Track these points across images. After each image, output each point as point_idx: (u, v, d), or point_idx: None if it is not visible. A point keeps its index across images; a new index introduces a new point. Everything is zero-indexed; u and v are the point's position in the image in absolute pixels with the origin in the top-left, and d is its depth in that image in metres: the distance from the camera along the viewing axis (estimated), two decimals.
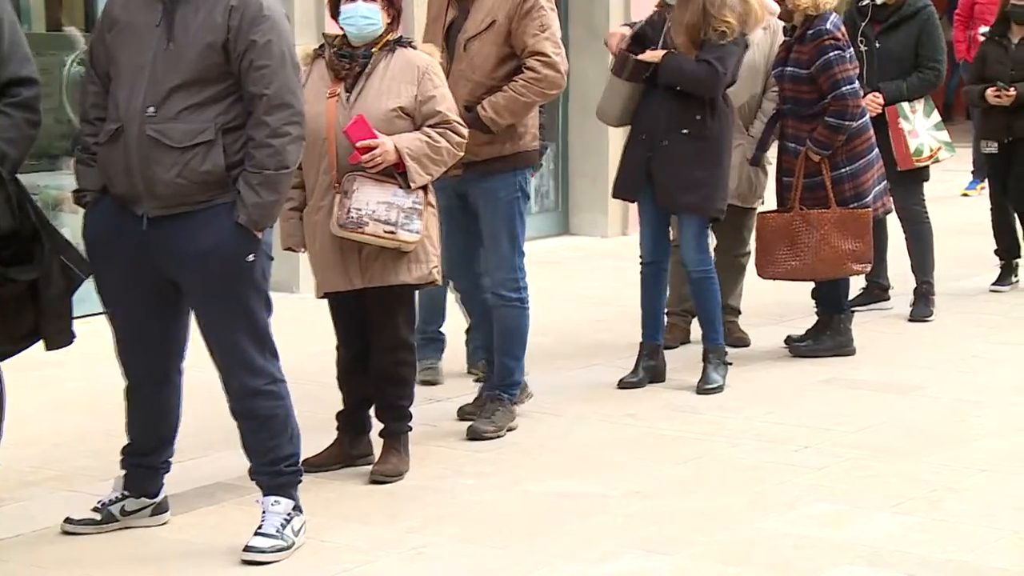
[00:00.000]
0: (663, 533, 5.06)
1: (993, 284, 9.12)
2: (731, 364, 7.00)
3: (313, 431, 5.46)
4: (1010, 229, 9.09)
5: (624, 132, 7.13)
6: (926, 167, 8.33)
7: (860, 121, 7.34)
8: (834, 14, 7.31)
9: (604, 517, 5.23)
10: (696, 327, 7.25)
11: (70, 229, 7.20)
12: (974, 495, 5.45)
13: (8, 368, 4.75)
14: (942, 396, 6.81)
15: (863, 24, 8.18)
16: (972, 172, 12.82)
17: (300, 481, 4.95)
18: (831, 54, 7.17)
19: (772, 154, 7.65)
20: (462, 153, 5.62)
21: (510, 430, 6.20)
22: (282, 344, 4.90)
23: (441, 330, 7.03)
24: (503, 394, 6.26)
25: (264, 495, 4.89)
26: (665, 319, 7.32)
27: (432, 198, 5.61)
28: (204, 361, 4.87)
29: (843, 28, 7.34)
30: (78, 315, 4.73)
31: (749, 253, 7.77)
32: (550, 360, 7.34)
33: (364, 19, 5.51)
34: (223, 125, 4.63)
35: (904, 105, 8.13)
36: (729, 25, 6.62)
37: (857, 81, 7.31)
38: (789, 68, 7.31)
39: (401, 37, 5.63)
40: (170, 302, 4.82)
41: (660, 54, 6.71)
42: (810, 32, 7.22)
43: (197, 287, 4.73)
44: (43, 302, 4.58)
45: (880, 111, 8.00)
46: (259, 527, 4.82)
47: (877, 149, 7.51)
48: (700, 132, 6.72)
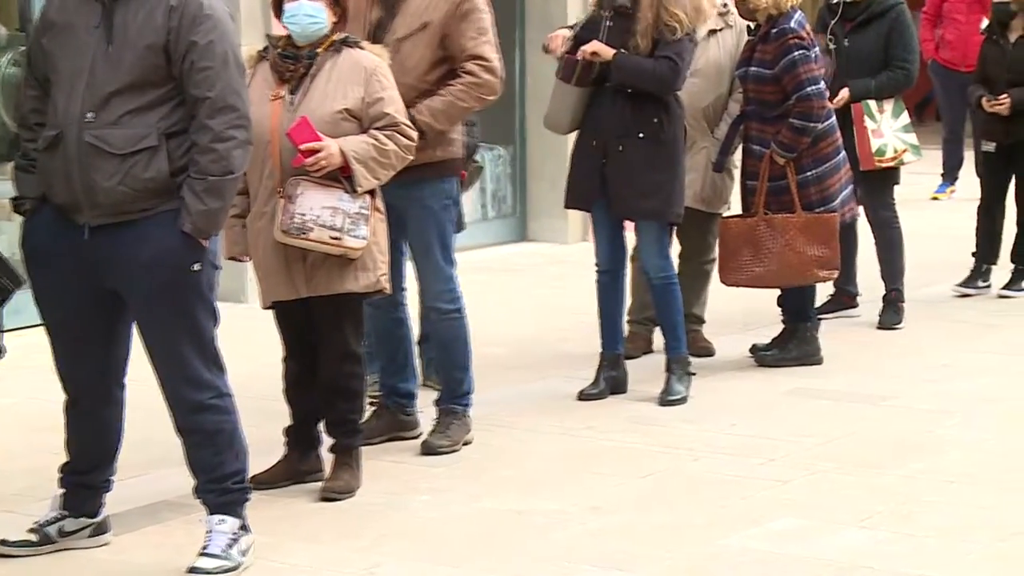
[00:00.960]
0: (624, 550, 5.08)
1: (960, 284, 9.17)
2: (695, 374, 7.04)
3: (261, 447, 5.46)
4: (994, 234, 9.15)
5: None
6: (896, 169, 8.40)
7: (826, 123, 7.37)
8: (799, 12, 7.34)
9: (563, 534, 5.25)
10: (659, 336, 7.29)
11: (7, 238, 7.18)
12: (945, 508, 5.50)
13: None
14: (912, 406, 6.86)
15: (833, 22, 8.23)
16: (942, 175, 12.91)
17: (248, 499, 4.94)
18: (796, 54, 7.21)
19: (738, 157, 7.69)
20: (411, 157, 5.63)
21: (465, 444, 6.21)
22: (229, 356, 4.89)
23: None
24: (456, 407, 6.27)
25: (210, 514, 4.88)
26: (626, 328, 7.36)
27: (380, 203, 5.61)
28: (147, 375, 4.85)
29: (808, 27, 7.39)
30: (12, 327, 4.71)
31: (714, 260, 7.80)
32: (507, 372, 7.36)
33: (308, 18, 5.52)
34: (166, 130, 4.63)
35: (871, 104, 8.18)
36: (680, 21, 6.66)
37: (823, 82, 7.36)
38: (753, 68, 7.34)
39: (348, 37, 5.63)
40: (112, 313, 4.81)
41: (610, 50, 6.72)
42: (774, 31, 7.26)
43: (140, 298, 4.73)
44: None
45: (843, 104, 8.03)
46: (204, 547, 4.82)
47: (844, 152, 7.57)
48: (657, 135, 6.75)
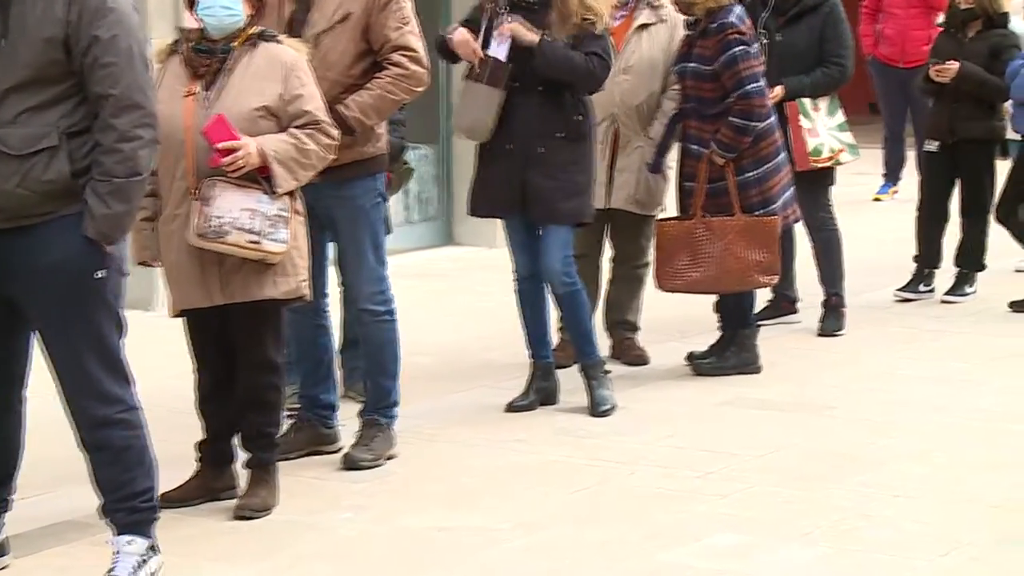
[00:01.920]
0: (556, 569, 5.07)
1: (901, 289, 9.24)
2: (609, 372, 7.00)
3: (172, 463, 5.42)
4: (936, 236, 9.20)
5: None
6: (831, 170, 8.43)
7: (767, 122, 7.40)
8: (739, 6, 7.35)
9: (492, 552, 5.22)
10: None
11: None
12: (888, 522, 5.51)
13: None
14: (854, 416, 6.89)
15: (765, 15, 8.25)
16: (884, 175, 12.99)
17: (157, 518, 4.90)
18: (736, 49, 7.22)
19: (673, 158, 7.69)
20: (332, 156, 5.60)
21: (389, 458, 6.18)
22: (137, 367, 4.85)
23: None
24: (381, 418, 6.24)
25: (117, 534, 4.83)
26: (557, 336, 7.35)
27: (300, 205, 5.59)
28: (50, 388, 4.80)
29: (748, 21, 7.40)
30: None
31: (647, 264, 7.81)
32: (433, 382, 7.34)
33: (224, 10, 5.48)
34: (67, 129, 4.56)
35: (805, 101, 8.19)
36: (599, 14, 6.65)
37: (763, 79, 7.37)
38: (692, 64, 7.34)
39: (265, 31, 5.60)
40: (11, 323, 4.76)
41: (534, 34, 6.61)
42: (713, 25, 7.26)
43: (41, 307, 4.67)
44: None
45: (777, 103, 8.04)
46: (111, 569, 4.77)
47: (785, 152, 7.59)
48: (578, 133, 6.74)
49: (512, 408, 6.94)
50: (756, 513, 5.61)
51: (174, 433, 5.86)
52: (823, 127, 8.26)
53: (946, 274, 9.27)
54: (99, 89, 4.55)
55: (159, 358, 6.76)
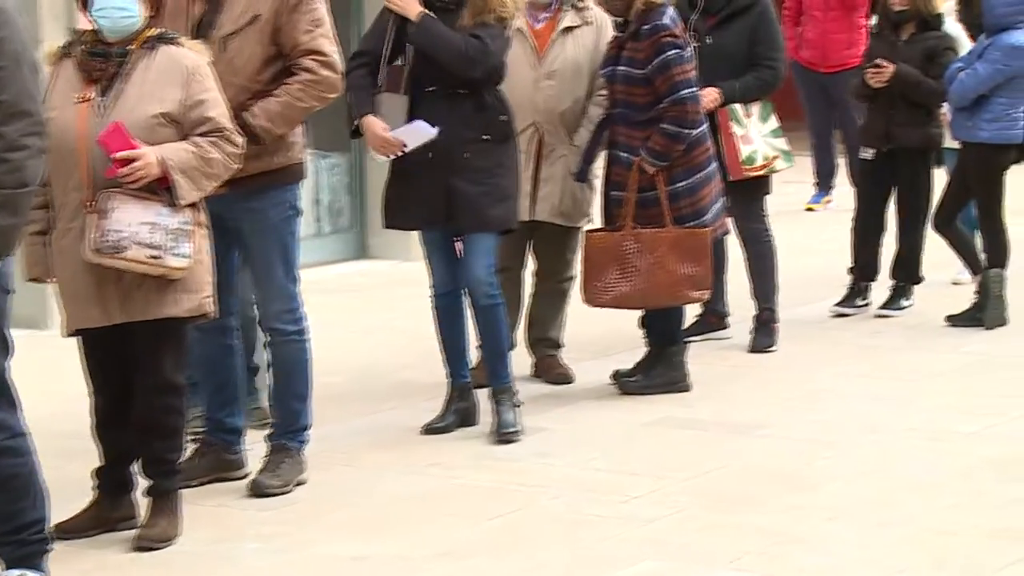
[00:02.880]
0: None
1: (837, 304, 9.28)
2: (522, 404, 6.98)
3: (65, 491, 5.37)
4: (872, 247, 9.24)
5: None
6: (766, 179, 8.46)
7: (700, 129, 7.40)
8: (671, 8, 7.37)
9: None
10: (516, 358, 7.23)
11: None
12: (823, 547, 5.53)
13: None
14: (787, 436, 6.91)
15: (694, 18, 8.26)
16: (815, 184, 13.04)
17: (49, 550, 4.87)
18: (669, 53, 7.22)
19: (599, 165, 7.69)
20: (237, 165, 5.57)
21: (299, 484, 6.15)
22: (26, 391, 4.81)
23: None
24: (290, 443, 6.20)
25: (6, 569, 4.79)
26: (476, 355, 7.32)
27: (203, 217, 5.55)
28: None
29: (681, 24, 7.41)
30: None
31: (573, 278, 7.81)
32: (344, 403, 7.31)
33: (119, 11, 5.44)
34: None
35: (737, 108, 8.22)
36: (509, 11, 6.65)
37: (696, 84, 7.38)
38: (622, 68, 7.33)
39: (164, 32, 5.56)
40: None
41: (415, 6, 6.59)
42: (645, 28, 7.25)
43: None
44: None
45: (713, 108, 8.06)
46: None
47: (716, 162, 7.60)
48: (503, 135, 6.74)
49: (428, 430, 6.92)
50: (682, 538, 5.61)
51: (67, 460, 5.83)
52: (756, 133, 8.28)
53: (882, 286, 9.33)
54: None
55: (51, 381, 6.69)
